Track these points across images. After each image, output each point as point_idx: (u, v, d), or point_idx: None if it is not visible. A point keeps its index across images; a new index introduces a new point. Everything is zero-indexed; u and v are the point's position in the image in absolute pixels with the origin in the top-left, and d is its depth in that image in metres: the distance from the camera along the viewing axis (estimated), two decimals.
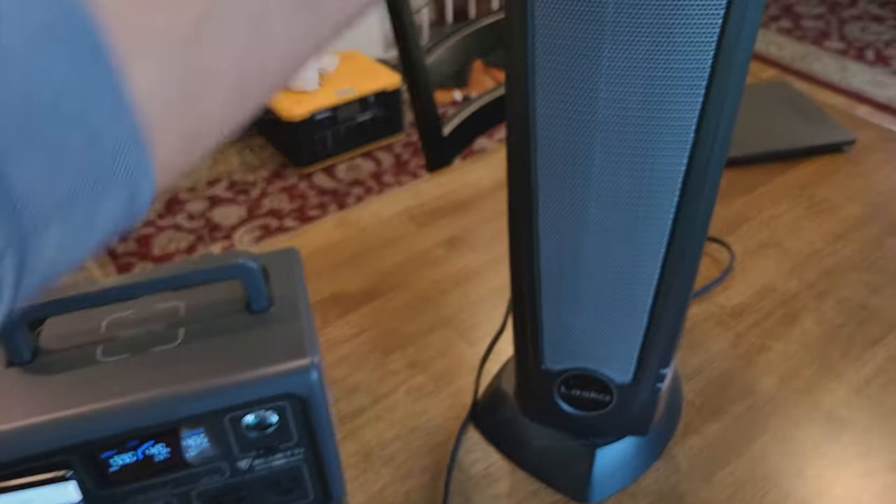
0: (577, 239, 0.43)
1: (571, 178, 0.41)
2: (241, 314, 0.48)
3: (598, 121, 0.38)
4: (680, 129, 0.37)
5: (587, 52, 0.36)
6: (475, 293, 0.73)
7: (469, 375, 0.64)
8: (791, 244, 0.78)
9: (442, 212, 0.84)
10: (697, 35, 0.34)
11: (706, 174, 0.39)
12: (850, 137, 0.92)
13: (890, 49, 3.06)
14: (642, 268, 0.43)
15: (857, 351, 0.64)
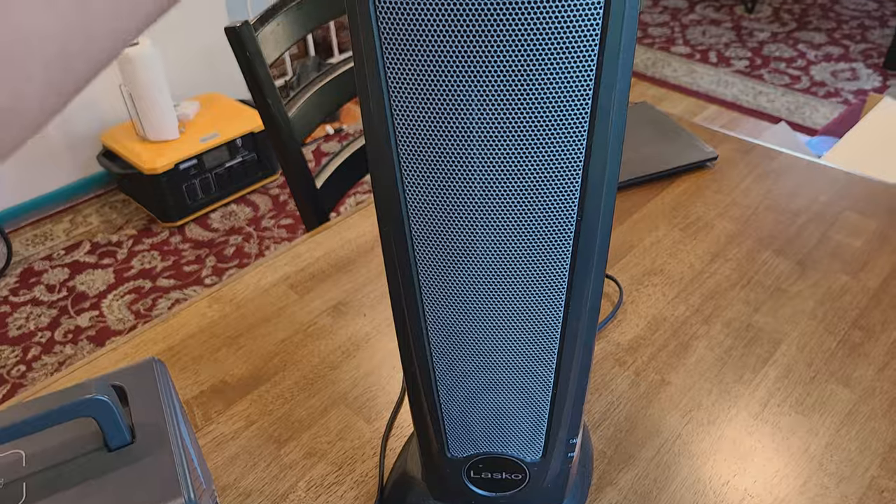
0: (468, 326, 0.40)
1: (453, 263, 0.38)
2: (99, 453, 0.42)
3: (475, 207, 0.36)
4: (563, 215, 0.35)
5: (456, 154, 0.33)
6: (367, 363, 0.69)
7: (372, 457, 0.60)
8: (673, 268, 0.79)
9: (324, 275, 0.80)
10: (569, 125, 0.32)
11: (591, 267, 0.37)
12: (713, 154, 0.95)
13: (730, 50, 3.29)
14: (539, 350, 0.40)
15: (749, 374, 0.66)
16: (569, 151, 0.34)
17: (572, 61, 0.32)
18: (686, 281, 0.77)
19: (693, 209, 0.88)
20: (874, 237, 0.82)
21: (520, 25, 0.30)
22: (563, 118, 0.33)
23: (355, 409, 0.64)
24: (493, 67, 0.32)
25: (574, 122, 0.33)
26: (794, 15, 3.61)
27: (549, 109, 0.33)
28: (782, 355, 0.67)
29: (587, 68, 0.32)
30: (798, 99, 2.82)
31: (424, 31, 0.31)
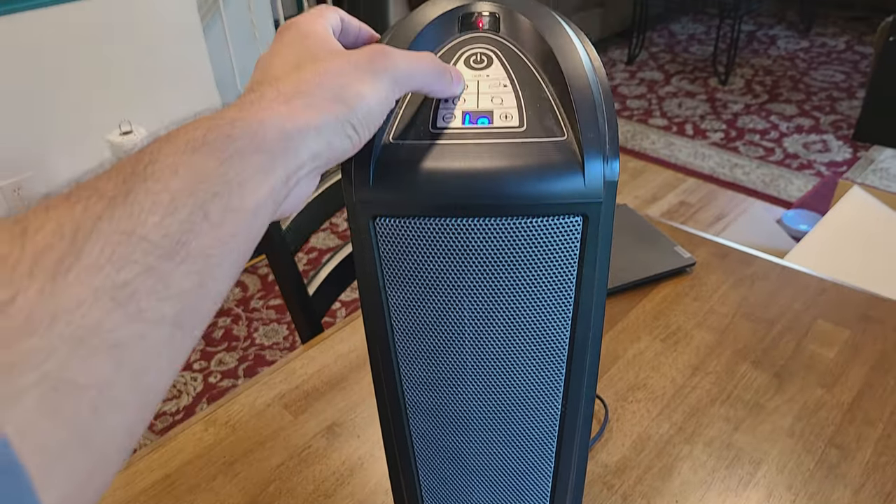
0: (458, 469, 0.42)
1: (444, 422, 0.40)
2: None
3: (466, 396, 0.38)
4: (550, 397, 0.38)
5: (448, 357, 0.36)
6: (361, 490, 0.70)
7: None
8: (656, 383, 0.82)
9: (318, 393, 0.82)
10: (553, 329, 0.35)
11: (575, 433, 0.40)
12: (691, 261, 0.99)
13: (706, 122, 3.40)
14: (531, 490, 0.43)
15: (732, 497, 0.68)
16: (554, 347, 0.37)
17: (554, 274, 0.35)
18: (668, 396, 0.80)
19: (673, 318, 0.91)
20: (846, 347, 0.85)
21: (504, 263, 0.34)
22: (546, 323, 0.36)
23: None
24: (481, 287, 0.35)
25: (557, 324, 0.37)
26: (765, 87, 3.75)
27: (533, 315, 0.36)
28: (763, 477, 0.70)
29: (568, 284, 0.35)
30: (773, 171, 2.91)
31: (419, 254, 0.35)
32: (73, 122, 2.21)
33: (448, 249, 0.34)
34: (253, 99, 0.28)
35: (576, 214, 0.34)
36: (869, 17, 4.71)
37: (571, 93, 0.34)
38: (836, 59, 4.09)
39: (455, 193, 0.33)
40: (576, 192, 0.33)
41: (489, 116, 0.35)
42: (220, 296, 0.25)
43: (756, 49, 4.33)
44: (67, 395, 0.20)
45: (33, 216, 0.21)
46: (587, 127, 0.33)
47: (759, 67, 4.02)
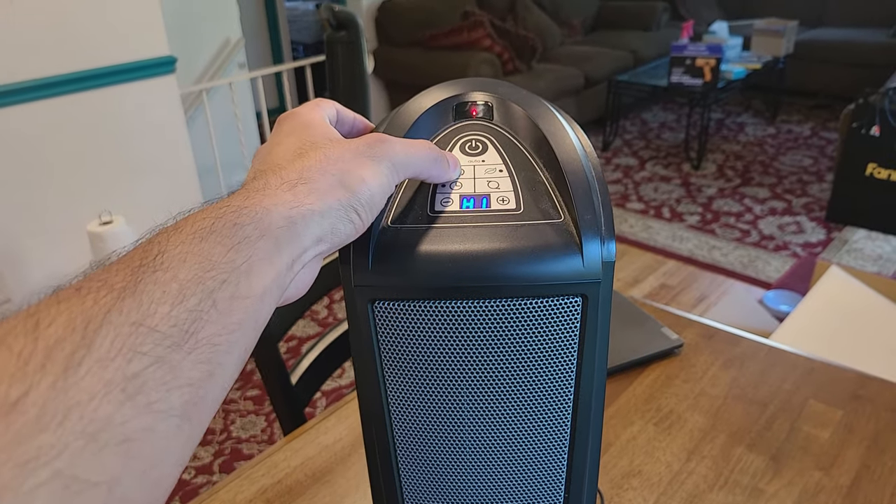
0: None
1: None
2: None
3: (465, 479, 0.37)
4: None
5: None
6: None
7: None
8: (651, 469, 0.80)
9: (301, 487, 0.79)
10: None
11: None
12: (679, 342, 0.99)
13: (682, 205, 3.48)
14: None
15: None
16: (555, 431, 0.36)
17: (555, 354, 0.35)
18: (664, 483, 0.78)
19: (665, 401, 0.90)
20: (840, 428, 0.84)
21: (504, 346, 0.33)
22: (548, 404, 0.35)
23: None
24: (481, 369, 0.34)
25: (559, 405, 0.36)
26: (737, 171, 3.86)
27: (535, 401, 0.35)
28: None
29: (569, 364, 0.35)
30: (750, 252, 2.96)
31: (417, 337, 0.34)
32: (52, 213, 2.20)
33: (447, 332, 0.33)
34: (257, 187, 0.29)
35: (575, 295, 0.33)
36: (831, 105, 4.92)
37: (566, 176, 0.34)
38: (804, 145, 4.24)
39: (454, 275, 0.33)
40: (575, 273, 0.33)
41: (486, 199, 0.35)
42: (226, 385, 0.25)
43: (725, 136, 4.48)
44: (78, 494, 0.19)
45: (45, 309, 0.22)
46: (584, 209, 0.34)
47: (729, 153, 4.16)
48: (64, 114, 2.16)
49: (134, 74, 2.28)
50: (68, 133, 2.18)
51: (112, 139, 2.29)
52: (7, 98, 2.02)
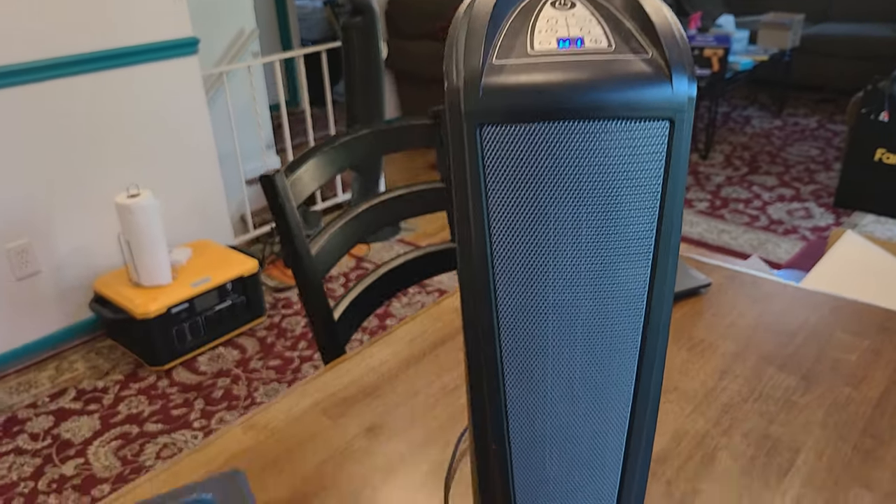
0: (545, 418, 0.44)
1: (535, 366, 0.42)
2: None
3: (551, 305, 0.41)
4: (633, 303, 0.41)
5: (540, 248, 0.39)
6: (407, 483, 0.70)
7: None
8: (687, 385, 0.83)
9: (353, 400, 0.83)
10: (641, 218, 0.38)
11: (658, 337, 0.42)
12: (707, 281, 1.03)
13: (690, 193, 3.51)
14: (611, 436, 0.44)
15: (774, 481, 0.69)
16: (643, 246, 0.40)
17: (644, 173, 0.39)
18: (700, 397, 0.81)
19: (696, 332, 0.94)
20: (868, 353, 0.88)
21: (600, 159, 0.37)
22: (638, 218, 0.39)
23: None
24: (579, 186, 0.38)
25: (647, 220, 0.39)
26: (744, 161, 3.90)
27: (624, 225, 0.39)
28: (803, 463, 0.71)
29: (656, 183, 0.39)
30: (759, 236, 3.00)
31: (521, 158, 0.38)
32: (81, 186, 2.24)
33: (549, 153, 0.37)
34: None
35: (664, 119, 0.37)
36: (836, 100, 4.97)
37: (654, 21, 0.38)
38: (810, 136, 4.28)
39: (557, 99, 0.37)
40: (664, 100, 0.37)
41: (581, 40, 0.39)
42: None
43: (732, 128, 4.52)
44: None
45: None
46: (671, 48, 0.37)
47: (736, 144, 4.20)
48: (92, 90, 2.20)
49: (159, 54, 2.32)
50: (96, 109, 2.23)
51: (137, 116, 2.34)
52: (40, 73, 2.07)
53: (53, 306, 2.26)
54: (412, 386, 0.85)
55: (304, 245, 0.98)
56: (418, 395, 0.83)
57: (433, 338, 0.95)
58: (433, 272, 1.23)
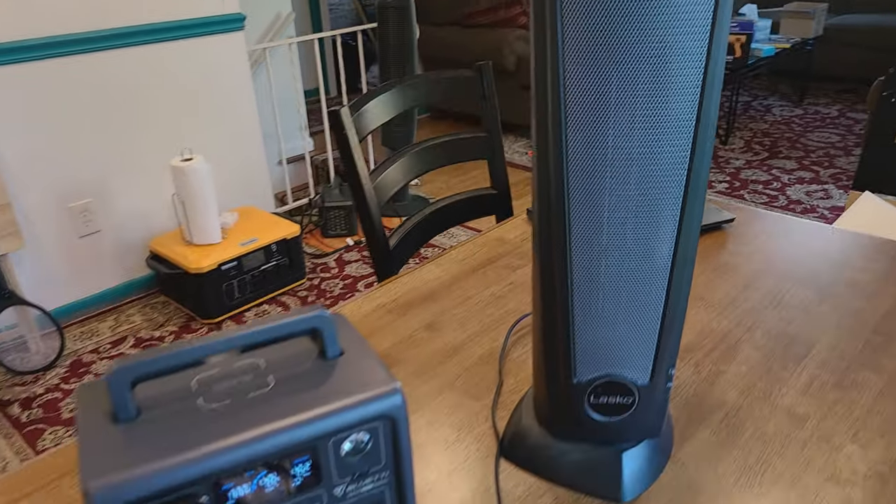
0: (602, 262, 0.54)
1: (595, 214, 0.52)
2: (318, 361, 0.53)
3: (608, 161, 0.51)
4: (676, 161, 0.50)
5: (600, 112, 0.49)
6: (466, 361, 0.80)
7: (484, 424, 0.70)
8: (711, 296, 0.93)
9: (414, 303, 0.93)
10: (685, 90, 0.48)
11: (698, 189, 0.52)
12: (731, 217, 1.12)
13: (710, 175, 3.59)
14: (655, 282, 0.54)
15: (792, 364, 0.78)
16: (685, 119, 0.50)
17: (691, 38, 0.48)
18: (724, 304, 0.91)
19: (719, 257, 1.03)
20: (881, 274, 0.97)
21: (658, 22, 0.47)
22: (682, 95, 0.49)
23: (463, 392, 0.75)
24: (636, 60, 0.48)
25: (689, 97, 0.49)
26: (764, 146, 3.96)
27: (673, 82, 0.49)
28: (818, 352, 0.80)
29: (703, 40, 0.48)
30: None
31: (597, 33, 0.48)
32: (139, 151, 2.38)
33: (620, 20, 0.47)
34: None
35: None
36: (857, 89, 5.00)
37: None
38: (831, 124, 4.33)
39: None
40: None
41: None
42: None
43: (752, 116, 4.58)
44: None
45: None
46: None
47: (756, 130, 4.26)
48: (149, 60, 2.33)
49: (210, 28, 2.45)
50: (152, 78, 2.36)
51: (189, 87, 2.46)
52: (103, 43, 2.20)
53: (112, 263, 2.40)
54: (464, 293, 0.95)
55: (365, 174, 1.09)
56: (470, 300, 0.94)
57: (480, 259, 1.05)
58: (473, 216, 1.33)
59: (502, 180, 1.33)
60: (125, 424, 0.47)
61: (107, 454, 0.44)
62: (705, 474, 0.63)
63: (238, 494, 0.47)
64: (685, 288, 0.56)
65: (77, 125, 2.23)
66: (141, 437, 0.46)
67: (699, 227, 0.53)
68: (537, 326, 0.60)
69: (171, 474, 0.44)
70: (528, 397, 0.69)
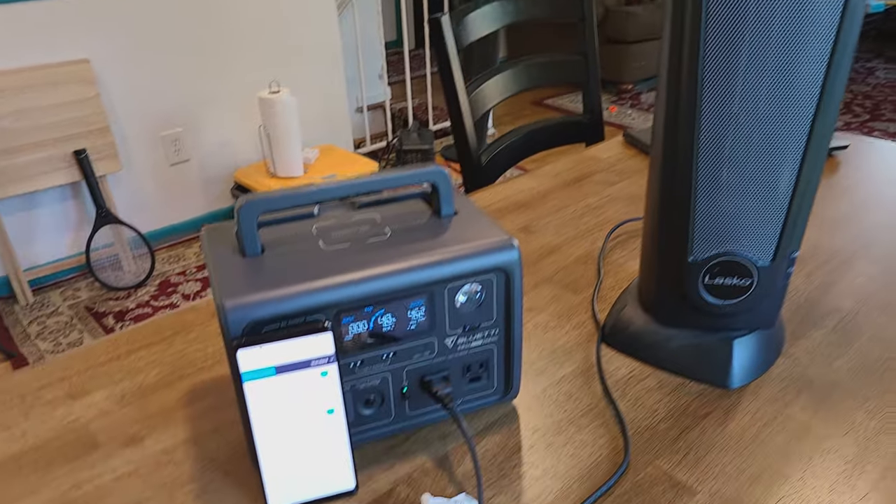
0: (730, 129, 0.51)
1: (728, 83, 0.50)
2: (434, 219, 0.53)
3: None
4: None
5: None
6: (564, 261, 0.79)
7: (583, 314, 0.69)
8: (827, 213, 0.88)
9: (508, 209, 0.92)
10: None
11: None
12: (845, 143, 1.06)
13: None
14: (788, 152, 0.51)
15: None
16: None
17: None
18: (839, 221, 0.86)
19: (833, 180, 0.98)
20: None
21: None
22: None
23: (562, 286, 0.74)
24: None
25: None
26: (865, 108, 3.75)
27: None
28: None
29: None
30: None
31: None
32: (228, 83, 2.44)
33: None
34: None
35: None
36: None
37: None
38: None
39: None
40: None
41: None
42: None
43: (853, 78, 4.33)
44: None
45: None
46: None
47: (857, 92, 4.03)
48: None
49: None
50: (242, 13, 2.40)
51: (277, 23, 2.50)
52: None
53: (199, 193, 2.49)
54: (560, 203, 0.94)
55: (461, 84, 1.08)
56: (566, 209, 0.92)
57: (575, 174, 1.03)
58: (563, 141, 1.31)
59: (596, 106, 1.30)
60: (252, 258, 0.49)
61: (238, 280, 0.46)
62: (820, 369, 0.61)
63: (357, 330, 0.47)
64: (819, 164, 0.53)
65: (169, 57, 2.29)
66: (268, 268, 0.47)
67: (842, 91, 0.50)
68: (654, 202, 0.58)
69: (296, 300, 0.44)
70: (630, 289, 0.68)
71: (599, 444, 0.54)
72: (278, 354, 0.44)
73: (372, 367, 0.49)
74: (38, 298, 2.18)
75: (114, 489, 0.51)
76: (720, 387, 0.59)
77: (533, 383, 0.60)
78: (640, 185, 0.98)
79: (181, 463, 0.53)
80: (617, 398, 0.58)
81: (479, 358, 0.53)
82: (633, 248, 0.81)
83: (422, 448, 0.54)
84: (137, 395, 0.61)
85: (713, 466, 0.51)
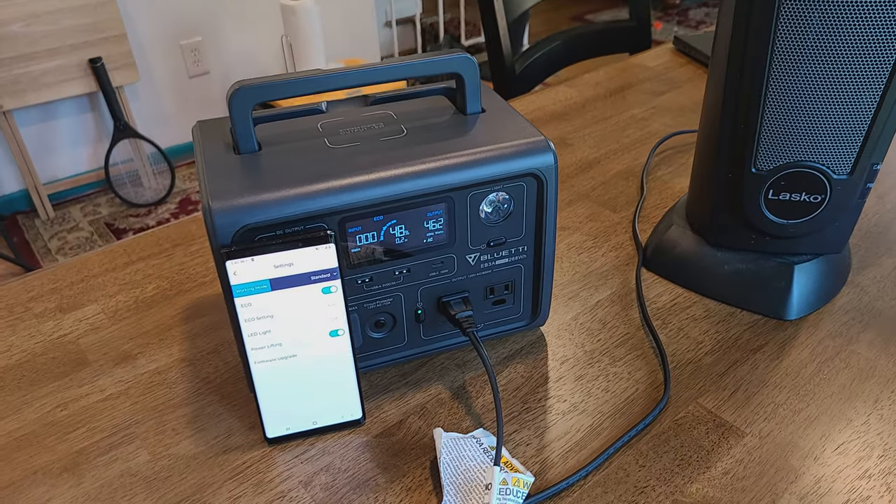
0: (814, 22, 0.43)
1: None
2: (457, 116, 0.46)
3: None
4: None
5: None
6: (602, 176, 0.72)
7: (622, 234, 0.63)
8: None
9: (542, 121, 0.84)
10: None
11: None
12: None
13: None
14: (881, 40, 0.43)
15: None
16: None
17: None
18: None
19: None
20: None
21: None
22: None
23: (600, 203, 0.67)
24: None
25: None
26: None
27: None
28: None
29: None
30: None
31: None
32: None
33: None
34: None
35: None
36: None
37: None
38: None
39: None
40: None
41: None
42: None
43: None
44: None
45: None
46: None
47: None
48: None
49: None
50: None
51: None
52: None
53: (220, 107, 2.41)
54: (600, 114, 0.85)
55: None
56: (607, 120, 0.84)
57: (619, 83, 0.94)
58: (606, 50, 1.21)
59: (643, 12, 1.19)
60: (247, 155, 0.42)
61: (228, 180, 0.39)
62: (890, 301, 0.54)
63: (365, 241, 0.41)
64: None
65: None
66: (263, 167, 0.41)
67: None
68: (713, 105, 0.50)
69: (294, 204, 0.38)
70: (677, 207, 0.61)
71: (636, 379, 0.48)
72: (273, 266, 0.38)
73: (382, 285, 0.43)
74: (58, 213, 2.16)
75: (101, 410, 0.47)
76: (776, 318, 0.52)
77: (563, 309, 0.54)
78: (692, 95, 0.89)
79: (175, 384, 0.49)
80: (657, 328, 0.52)
81: (504, 278, 0.46)
82: (680, 164, 0.74)
83: (437, 377, 0.48)
84: (133, 309, 0.56)
85: (764, 406, 0.45)
